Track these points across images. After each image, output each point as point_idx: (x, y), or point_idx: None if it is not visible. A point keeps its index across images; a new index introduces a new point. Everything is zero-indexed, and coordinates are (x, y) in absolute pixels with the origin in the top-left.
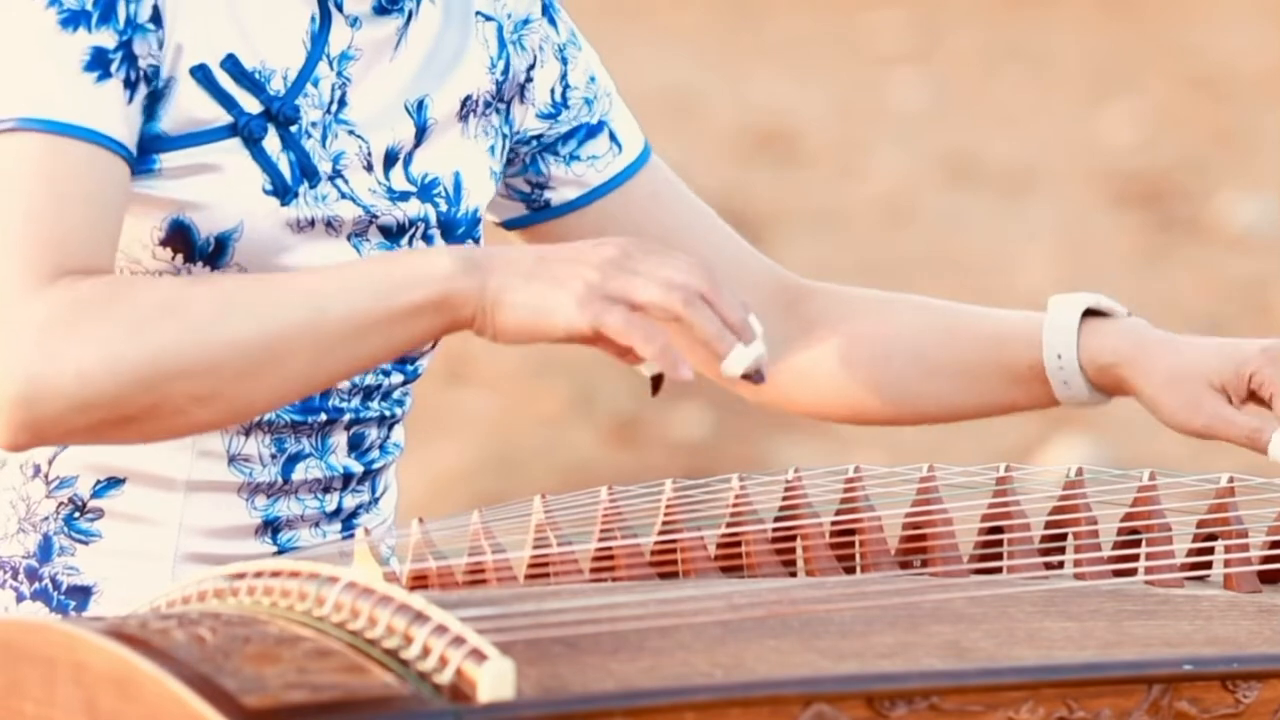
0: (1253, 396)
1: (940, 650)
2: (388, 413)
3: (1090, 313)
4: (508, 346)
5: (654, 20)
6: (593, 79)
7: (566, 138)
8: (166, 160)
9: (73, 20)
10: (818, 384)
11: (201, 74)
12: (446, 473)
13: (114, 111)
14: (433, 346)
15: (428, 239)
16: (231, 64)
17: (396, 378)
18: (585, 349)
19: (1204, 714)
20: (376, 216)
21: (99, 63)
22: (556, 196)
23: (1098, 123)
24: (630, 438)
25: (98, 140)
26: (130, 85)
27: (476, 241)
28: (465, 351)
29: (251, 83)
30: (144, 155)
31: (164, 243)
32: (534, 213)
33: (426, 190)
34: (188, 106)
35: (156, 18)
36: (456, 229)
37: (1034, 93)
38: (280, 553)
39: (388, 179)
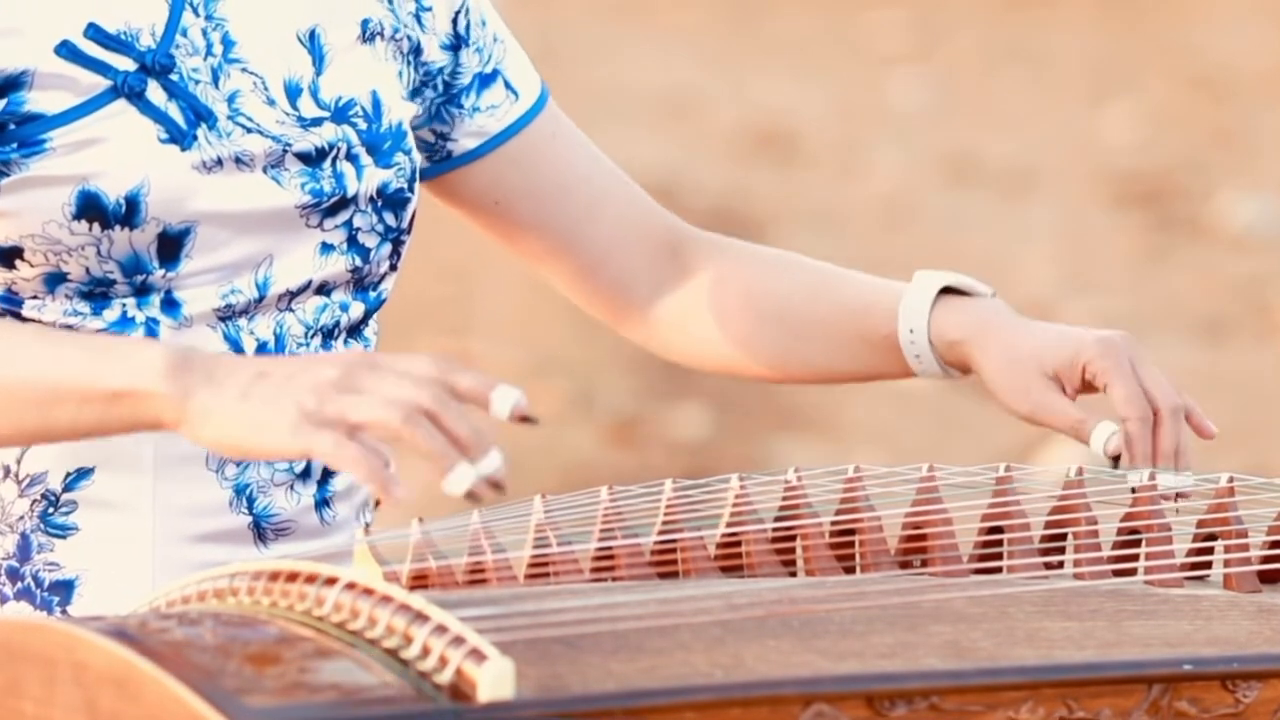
0: (1088, 387)
1: (940, 650)
2: None
3: (952, 291)
4: (508, 347)
5: (654, 20)
6: (484, 23)
7: (467, 89)
8: (58, 137)
9: None
10: (691, 333)
11: (66, 50)
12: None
13: None
14: (393, 268)
15: (352, 158)
16: (94, 31)
17: (357, 309)
18: (586, 349)
19: (1204, 714)
20: (289, 145)
21: None
22: (457, 148)
23: (1098, 123)
24: (630, 438)
25: None
26: None
27: (407, 154)
28: (465, 351)
29: (119, 44)
30: (32, 140)
31: (77, 216)
32: (436, 164)
33: (341, 113)
34: (66, 83)
35: None
36: (382, 144)
37: (1034, 93)
38: (257, 524)
39: (296, 108)
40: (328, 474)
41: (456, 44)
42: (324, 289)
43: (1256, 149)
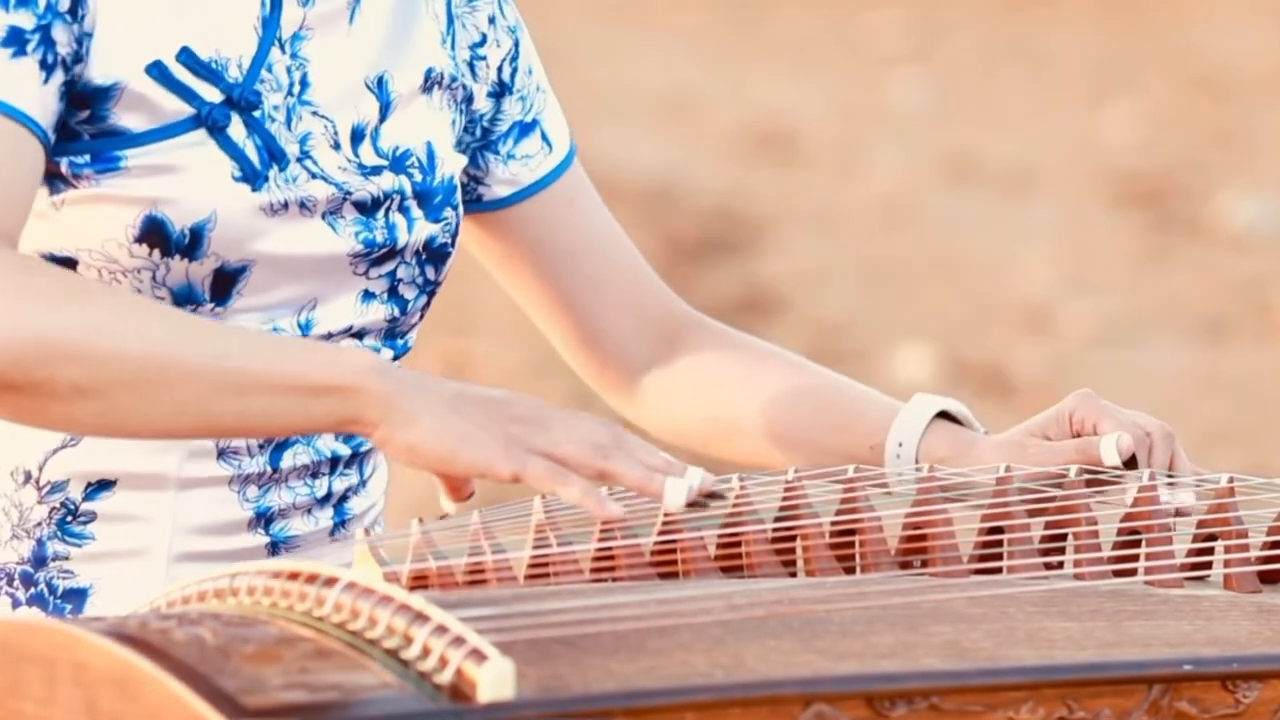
0: (1077, 438)
1: (940, 650)
2: None
3: (948, 417)
4: (508, 347)
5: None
6: (530, 71)
7: (505, 136)
8: (133, 157)
9: None
10: (675, 416)
11: (157, 71)
12: None
13: (28, 87)
14: (428, 301)
15: (404, 210)
16: (187, 56)
17: (385, 355)
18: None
19: (1204, 714)
20: (350, 193)
21: (14, 40)
22: (489, 193)
23: (1098, 123)
24: None
25: (9, 112)
26: (47, 67)
27: (454, 209)
28: (465, 351)
29: (209, 72)
30: (109, 155)
31: (139, 239)
32: (465, 204)
33: (399, 162)
34: (150, 104)
35: (75, 12)
36: (433, 197)
37: (1034, 93)
38: (273, 544)
39: (357, 155)
40: (345, 498)
41: (501, 91)
42: (360, 334)
43: (1256, 149)
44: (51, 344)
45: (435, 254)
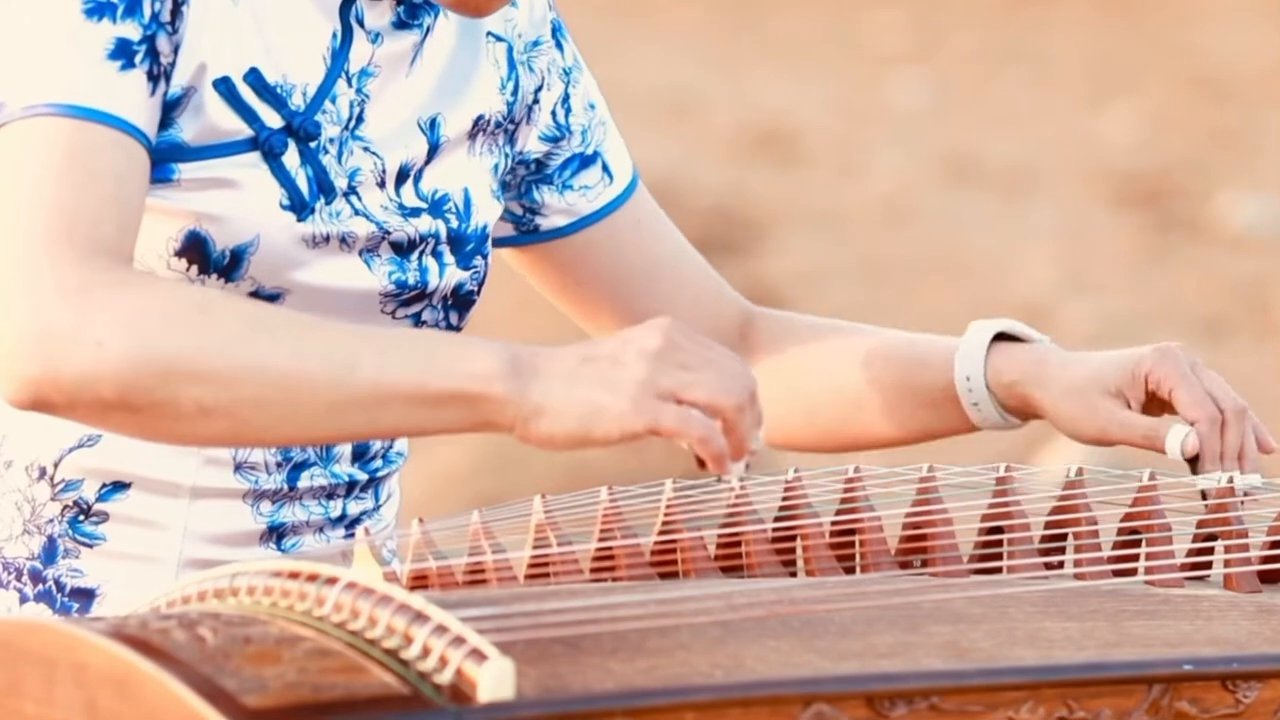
0: (1152, 399)
1: (940, 650)
2: None
3: (1006, 337)
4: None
5: (654, 20)
6: (591, 106)
7: (562, 168)
8: (186, 171)
9: (98, 11)
10: (767, 415)
11: (224, 87)
12: (446, 473)
13: (137, 100)
14: None
15: (437, 255)
16: (254, 78)
17: None
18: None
19: (1204, 714)
20: (389, 233)
21: (123, 52)
22: (546, 223)
23: (1098, 123)
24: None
25: (121, 126)
26: (153, 79)
27: (485, 258)
28: None
29: (273, 97)
30: (163, 164)
31: (179, 254)
32: (522, 235)
33: (437, 206)
34: (210, 118)
35: (174, 23)
36: (466, 244)
37: (1034, 93)
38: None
39: (399, 195)
40: (358, 520)
41: (557, 135)
42: None
43: (1256, 149)
44: (171, 365)
45: (461, 300)
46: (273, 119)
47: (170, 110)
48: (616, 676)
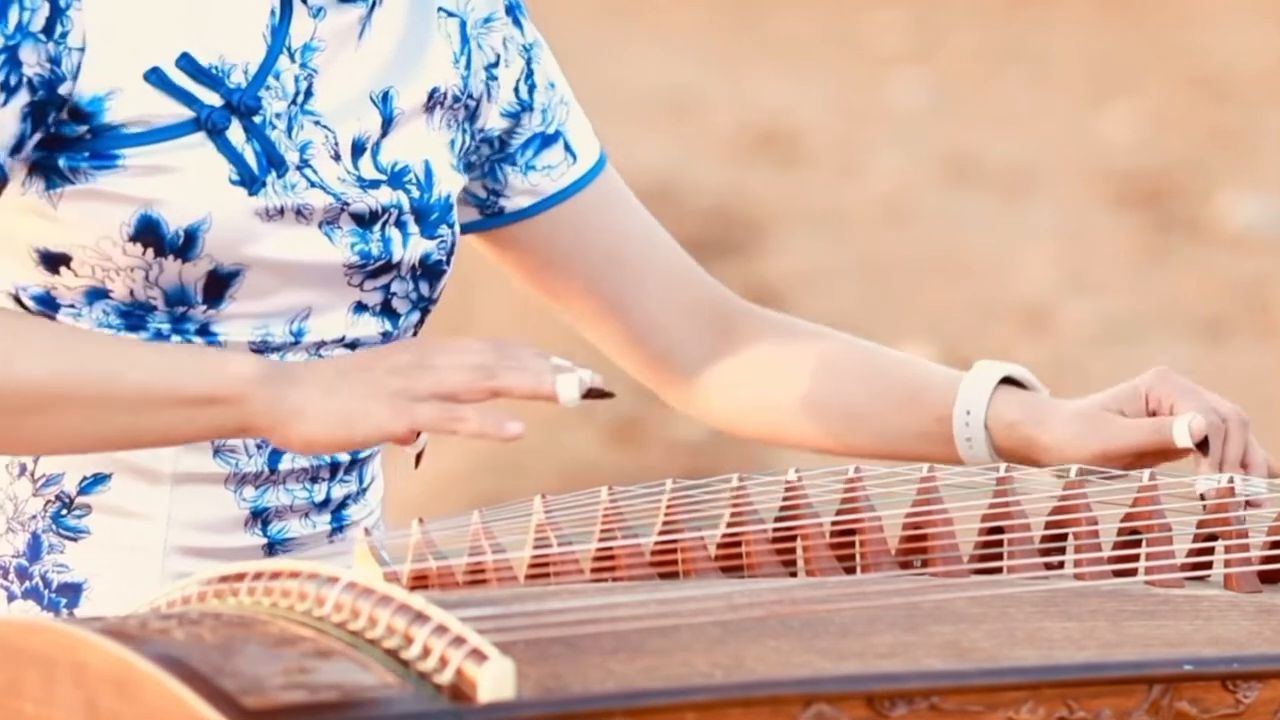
0: (1152, 416)
1: (940, 650)
2: None
3: (1011, 382)
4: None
5: (654, 20)
6: (552, 85)
7: (524, 147)
8: (131, 157)
9: None
10: (739, 402)
11: (156, 77)
12: (446, 473)
13: None
14: (422, 317)
15: (400, 226)
16: (186, 62)
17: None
18: (586, 350)
19: (1204, 714)
20: (347, 204)
21: None
22: (510, 204)
23: (1098, 123)
24: (630, 438)
25: None
26: (7, 89)
27: (451, 227)
28: None
29: (209, 78)
30: (108, 153)
31: (133, 238)
32: (487, 219)
33: (397, 178)
34: (148, 108)
35: (50, 31)
36: (430, 215)
37: (1034, 93)
38: (270, 544)
39: (356, 168)
40: (344, 504)
41: (518, 110)
42: (353, 345)
43: (1256, 149)
44: None
45: (430, 270)
46: (211, 98)
47: (98, 111)
48: (617, 677)
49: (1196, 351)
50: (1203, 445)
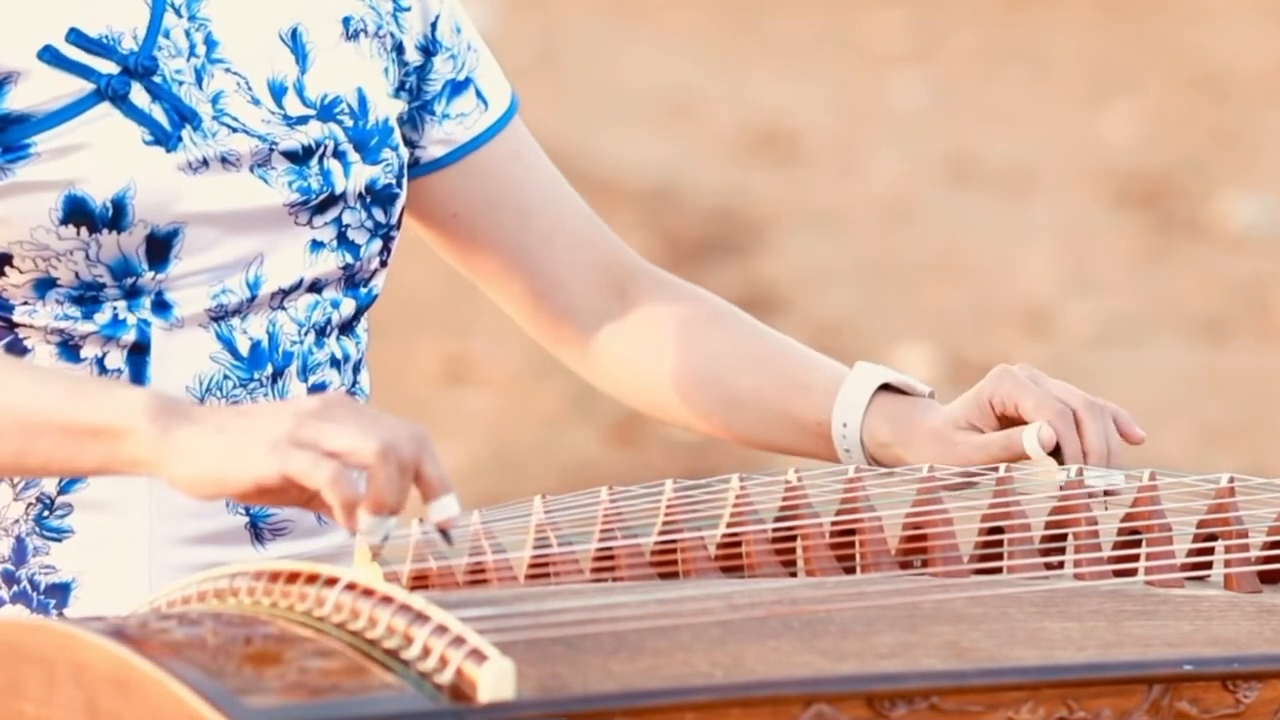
0: (1004, 421)
1: (940, 650)
2: (340, 354)
3: (892, 388)
4: (508, 347)
5: (654, 20)
6: (458, 29)
7: (439, 95)
8: (42, 142)
9: None
10: (627, 374)
11: (48, 54)
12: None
13: None
14: (383, 264)
15: (340, 156)
16: (76, 35)
17: (348, 306)
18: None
19: (1204, 714)
20: (276, 144)
21: None
22: (425, 155)
23: (1098, 123)
24: (630, 438)
25: None
26: None
27: (394, 150)
28: (465, 351)
29: (101, 48)
30: (18, 143)
31: (64, 221)
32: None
33: (327, 110)
34: (50, 88)
35: None
36: (369, 140)
37: (1034, 93)
38: (254, 523)
39: (281, 106)
40: None
41: (428, 47)
42: (316, 287)
43: (1256, 149)
44: None
45: (380, 196)
46: (107, 67)
47: None
48: (617, 677)
49: (1196, 351)
50: (1056, 452)
